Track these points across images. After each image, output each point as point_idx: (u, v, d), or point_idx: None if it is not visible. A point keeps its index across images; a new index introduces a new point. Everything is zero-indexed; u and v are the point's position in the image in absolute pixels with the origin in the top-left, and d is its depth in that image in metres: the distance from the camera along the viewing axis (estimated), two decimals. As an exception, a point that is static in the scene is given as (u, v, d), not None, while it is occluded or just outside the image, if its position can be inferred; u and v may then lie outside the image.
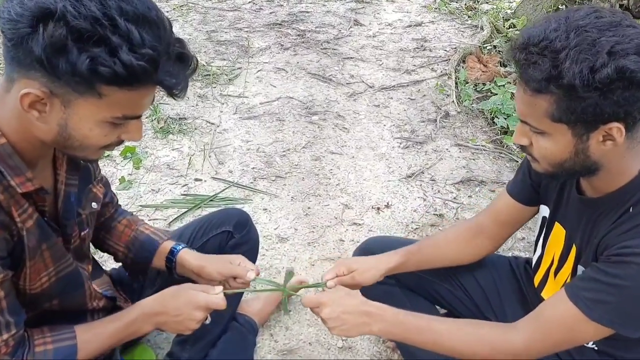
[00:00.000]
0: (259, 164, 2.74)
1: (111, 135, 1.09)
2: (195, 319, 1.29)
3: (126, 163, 2.69)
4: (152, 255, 1.53)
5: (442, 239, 1.66)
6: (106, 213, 1.56)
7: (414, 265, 1.61)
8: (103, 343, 1.26)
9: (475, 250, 1.62)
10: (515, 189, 1.51)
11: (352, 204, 2.51)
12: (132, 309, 1.30)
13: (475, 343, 1.28)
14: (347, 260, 1.55)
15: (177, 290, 1.32)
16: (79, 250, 1.38)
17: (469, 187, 2.64)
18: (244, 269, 1.43)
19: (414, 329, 1.31)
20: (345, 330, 1.31)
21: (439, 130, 3.07)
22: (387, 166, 2.77)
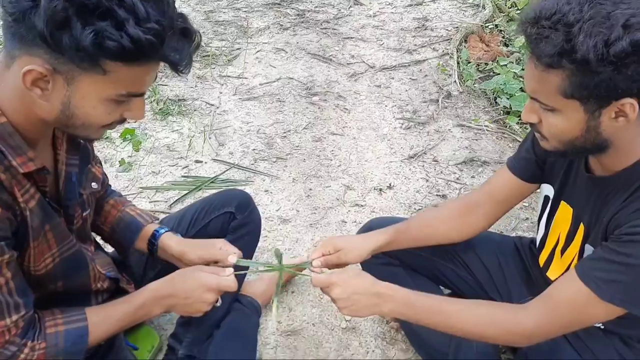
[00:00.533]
0: (259, 146, 2.72)
1: (114, 113, 1.08)
2: (206, 301, 1.28)
3: (125, 145, 2.66)
4: (134, 237, 1.51)
5: (433, 216, 1.64)
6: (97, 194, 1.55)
7: (403, 243, 1.59)
8: (113, 325, 1.25)
9: (468, 227, 1.60)
10: (518, 165, 1.49)
11: (354, 185, 2.49)
12: (142, 292, 1.29)
13: (486, 324, 1.27)
14: (333, 239, 1.53)
15: (186, 273, 1.31)
16: (81, 231, 1.37)
17: (472, 167, 2.62)
18: (224, 253, 1.42)
19: (424, 309, 1.30)
20: (355, 310, 1.30)
21: (441, 110, 3.04)
22: (389, 147, 2.75)
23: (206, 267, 1.34)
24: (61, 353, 1.17)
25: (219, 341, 1.60)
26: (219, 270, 1.33)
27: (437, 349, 1.60)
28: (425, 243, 1.62)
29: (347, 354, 1.78)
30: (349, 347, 1.79)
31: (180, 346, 1.63)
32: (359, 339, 1.82)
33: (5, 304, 1.06)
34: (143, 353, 1.70)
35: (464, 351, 1.55)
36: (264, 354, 1.76)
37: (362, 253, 1.51)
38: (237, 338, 1.64)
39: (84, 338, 1.20)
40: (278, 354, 1.76)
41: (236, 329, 1.67)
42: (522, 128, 2.90)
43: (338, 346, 1.80)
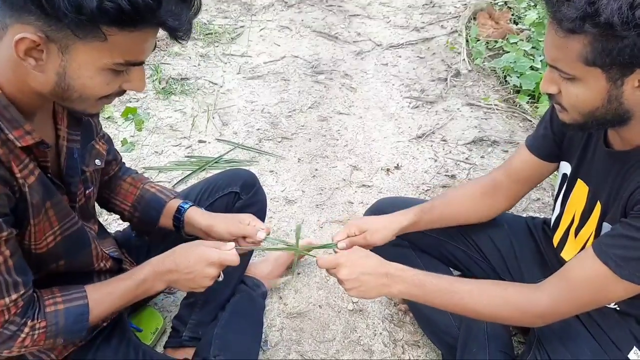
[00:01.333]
0: (264, 125, 2.66)
1: (112, 84, 1.03)
2: (208, 276, 1.25)
3: (128, 125, 2.61)
4: (159, 214, 1.48)
5: (455, 196, 1.59)
6: (110, 171, 1.51)
7: (426, 224, 1.55)
8: (114, 303, 1.22)
9: (489, 208, 1.56)
10: (536, 144, 1.44)
11: (361, 166, 2.44)
12: (143, 267, 1.26)
13: (499, 304, 1.23)
14: (358, 220, 1.49)
15: (188, 247, 1.27)
16: (84, 209, 1.33)
17: (481, 147, 2.56)
18: (254, 228, 1.39)
19: (435, 290, 1.26)
20: (363, 291, 1.26)
21: (449, 89, 2.97)
22: (397, 126, 2.69)
23: (207, 242, 1.30)
24: (62, 332, 1.14)
25: (224, 323, 1.56)
26: (221, 244, 1.29)
27: (446, 332, 1.57)
28: (447, 224, 1.58)
29: (354, 336, 1.74)
30: (355, 330, 1.76)
31: (185, 328, 1.60)
32: (366, 321, 1.79)
33: (4, 282, 1.02)
34: (146, 335, 1.68)
35: (474, 334, 1.51)
36: (270, 336, 1.73)
37: (387, 234, 1.46)
38: (242, 320, 1.60)
39: (85, 316, 1.17)
40: (284, 335, 1.73)
41: (241, 311, 1.64)
42: (532, 107, 2.83)
43: (345, 328, 1.76)
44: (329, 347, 1.70)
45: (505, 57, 3.10)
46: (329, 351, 1.69)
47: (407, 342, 1.73)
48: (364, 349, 1.71)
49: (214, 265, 1.25)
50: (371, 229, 1.44)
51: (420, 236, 1.67)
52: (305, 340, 1.72)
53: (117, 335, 1.40)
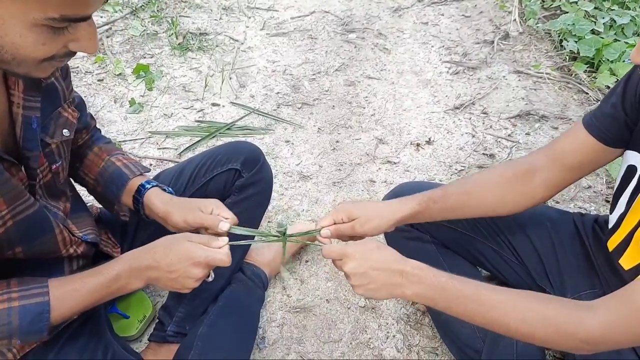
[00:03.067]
0: (284, 88, 2.42)
1: (52, 44, 0.84)
2: (193, 277, 1.07)
3: (139, 83, 2.42)
4: (119, 191, 1.29)
5: (479, 181, 1.31)
6: (79, 140, 1.34)
7: (436, 215, 1.29)
8: (81, 301, 1.05)
9: (521, 198, 1.27)
10: (598, 124, 1.16)
11: (388, 139, 2.18)
12: (118, 262, 1.08)
13: (537, 323, 0.99)
14: (349, 205, 1.25)
15: (171, 242, 1.09)
16: (51, 187, 1.16)
17: (528, 122, 2.26)
18: (216, 219, 1.18)
19: (458, 296, 1.02)
20: (372, 290, 1.05)
21: (495, 53, 2.64)
22: (432, 95, 2.40)
23: (195, 236, 1.10)
24: (16, 333, 0.98)
25: (214, 317, 1.38)
26: (212, 239, 1.10)
27: (468, 344, 1.35)
28: (465, 215, 1.32)
29: (363, 337, 1.54)
30: (366, 330, 1.56)
31: (171, 321, 1.43)
32: (379, 320, 1.58)
33: None
34: (133, 323, 1.52)
35: (501, 350, 1.29)
36: (268, 332, 1.54)
37: (382, 224, 1.22)
38: (235, 314, 1.42)
39: (45, 315, 1.01)
40: (284, 333, 1.54)
41: (236, 304, 1.45)
42: (590, 77, 2.48)
43: (354, 328, 1.56)
44: (333, 349, 1.51)
45: (563, 18, 2.73)
46: (333, 353, 1.50)
47: (423, 349, 1.52)
48: (374, 354, 1.50)
49: (199, 265, 1.06)
50: (362, 217, 1.21)
51: (445, 230, 1.44)
52: (308, 340, 1.53)
53: (87, 331, 1.24)
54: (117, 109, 2.29)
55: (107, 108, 2.29)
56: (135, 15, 2.84)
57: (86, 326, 1.25)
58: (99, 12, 2.86)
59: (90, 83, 2.41)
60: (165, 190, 1.31)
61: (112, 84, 2.41)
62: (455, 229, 1.43)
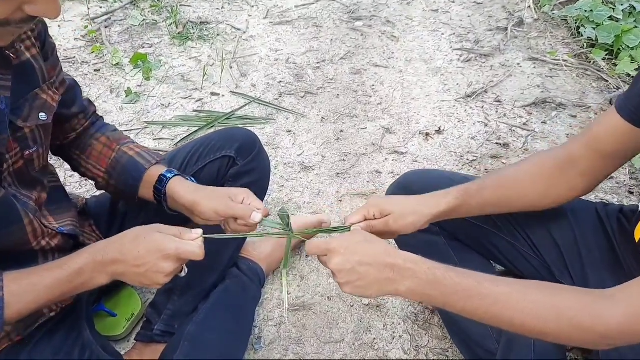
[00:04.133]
0: (287, 77, 2.31)
1: (3, 5, 0.74)
2: (162, 271, 0.96)
3: (136, 73, 2.33)
4: (137, 184, 1.19)
5: (515, 173, 1.20)
6: (76, 126, 1.24)
7: (473, 210, 1.19)
8: (39, 296, 0.96)
9: (562, 190, 1.16)
10: (630, 105, 1.04)
11: (395, 128, 2.07)
12: (81, 254, 0.98)
13: (548, 316, 0.87)
14: (381, 200, 1.15)
15: (139, 233, 0.99)
16: (23, 175, 1.07)
17: (544, 110, 2.13)
18: (248, 209, 1.08)
19: (457, 290, 0.91)
20: (361, 287, 0.94)
21: (509, 40, 2.52)
22: (442, 83, 2.28)
23: (166, 227, 1.00)
24: None
25: (203, 317, 1.27)
26: (184, 232, 1.00)
27: (481, 344, 1.23)
28: (502, 209, 1.22)
29: (367, 337, 1.43)
30: (370, 330, 1.44)
31: (159, 319, 1.33)
32: (384, 320, 1.46)
33: None
34: (121, 321, 1.42)
35: (518, 350, 1.18)
36: (265, 332, 1.44)
37: (417, 220, 1.12)
38: (227, 312, 1.31)
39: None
40: (282, 332, 1.44)
41: (228, 301, 1.35)
42: (609, 65, 2.35)
43: (357, 327, 1.45)
44: (335, 350, 1.40)
45: (580, 4, 2.61)
46: (334, 355, 1.39)
47: (432, 350, 1.40)
48: (379, 355, 1.39)
49: (169, 258, 0.96)
50: (397, 213, 1.11)
51: (455, 221, 1.31)
52: (307, 340, 1.42)
53: (64, 330, 1.14)
54: (112, 99, 2.20)
55: (103, 98, 2.20)
56: (135, 5, 2.75)
57: (63, 324, 1.15)
58: (98, 2, 2.78)
59: (86, 73, 2.33)
60: (187, 180, 1.21)
61: (108, 74, 2.32)
62: (467, 220, 1.31)
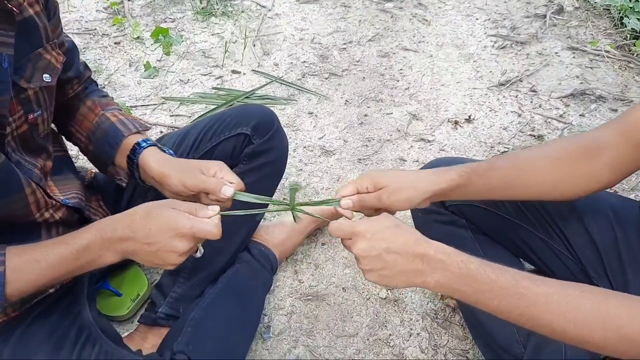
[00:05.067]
0: (311, 57, 2.22)
1: None
2: (175, 251, 0.89)
3: (156, 47, 2.26)
4: (114, 151, 1.13)
5: (532, 157, 1.07)
6: (69, 92, 1.18)
7: (480, 191, 1.06)
8: (43, 274, 0.89)
9: (584, 180, 1.04)
10: None
11: (423, 115, 1.96)
12: (88, 230, 0.91)
13: (590, 323, 0.78)
14: (376, 172, 1.06)
15: (151, 209, 0.91)
16: (27, 141, 1.01)
17: (582, 102, 2.00)
18: (219, 182, 1.00)
19: (492, 288, 0.82)
20: (386, 277, 0.87)
21: (548, 28, 2.38)
22: (475, 69, 2.16)
23: (182, 203, 0.92)
24: None
25: (209, 303, 1.20)
26: (200, 208, 0.92)
27: (506, 348, 1.14)
28: (513, 195, 1.09)
29: (382, 333, 1.34)
30: (386, 325, 1.36)
31: (164, 302, 1.26)
32: (402, 315, 1.38)
33: None
34: (125, 301, 1.37)
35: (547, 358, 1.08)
36: (275, 321, 1.36)
37: (413, 196, 1.01)
38: (235, 298, 1.24)
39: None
40: (292, 323, 1.36)
41: (237, 287, 1.27)
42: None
43: (372, 322, 1.36)
44: (347, 345, 1.32)
45: (625, -7, 2.45)
46: (347, 350, 1.31)
47: (451, 351, 1.31)
48: (394, 353, 1.31)
49: (183, 237, 0.88)
50: (391, 186, 1.00)
51: (483, 213, 1.23)
52: (319, 332, 1.34)
53: (62, 308, 1.08)
54: (131, 73, 2.13)
55: (121, 72, 2.14)
56: (159, -22, 2.68)
57: (62, 302, 1.09)
58: (122, -25, 2.71)
59: (105, 45, 2.27)
60: (164, 151, 1.13)
61: (128, 47, 2.26)
62: (496, 212, 1.22)
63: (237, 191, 1.00)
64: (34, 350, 0.99)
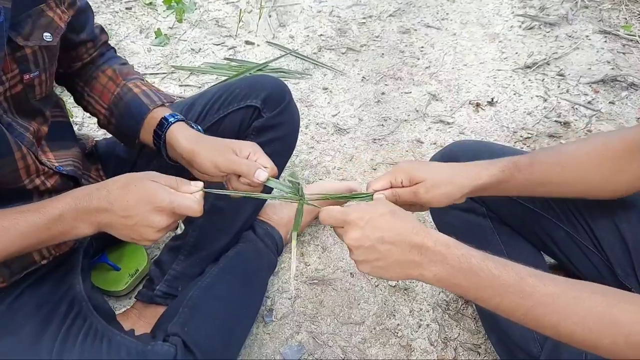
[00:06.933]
0: (328, 31, 2.12)
1: None
2: (152, 226, 0.83)
3: (168, 14, 2.18)
4: (139, 126, 1.06)
5: (575, 152, 0.99)
6: (84, 55, 1.11)
7: (520, 187, 0.99)
8: (12, 242, 0.83)
9: (630, 178, 0.96)
10: None
11: (443, 95, 1.87)
12: (61, 199, 0.85)
13: (599, 327, 0.71)
14: (412, 164, 0.97)
15: (130, 181, 0.85)
16: (21, 102, 0.95)
17: (613, 89, 1.89)
18: (253, 165, 0.93)
19: (493, 285, 0.75)
20: (380, 268, 0.80)
21: (579, 10, 2.26)
22: (500, 50, 2.06)
23: (163, 177, 0.86)
24: None
25: (211, 280, 1.15)
26: (182, 183, 0.87)
27: (521, 346, 1.07)
28: (555, 192, 1.02)
29: (390, 322, 1.27)
30: (394, 314, 1.29)
31: (162, 279, 1.21)
32: (411, 305, 1.31)
33: None
34: (123, 276, 1.31)
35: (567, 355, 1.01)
36: (277, 304, 1.30)
37: (452, 191, 0.94)
38: (237, 279, 1.18)
39: None
40: (296, 307, 1.30)
41: (239, 267, 1.21)
42: None
43: (380, 310, 1.30)
44: (352, 333, 1.25)
45: (664, -25, 2.31)
46: (352, 338, 1.25)
47: (462, 344, 1.24)
48: (401, 344, 1.24)
49: (162, 212, 0.82)
50: (429, 181, 0.93)
51: (505, 202, 1.15)
52: (323, 318, 1.28)
53: (54, 279, 1.03)
54: (141, 40, 2.06)
55: (131, 38, 2.06)
56: (175, -57, 2.58)
57: (54, 274, 1.04)
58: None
59: (117, 11, 2.19)
60: (192, 127, 1.06)
61: (140, 13, 2.18)
62: (519, 202, 1.14)
63: (271, 177, 0.93)
64: (21, 323, 0.94)
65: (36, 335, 0.92)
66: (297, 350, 1.21)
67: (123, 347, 0.94)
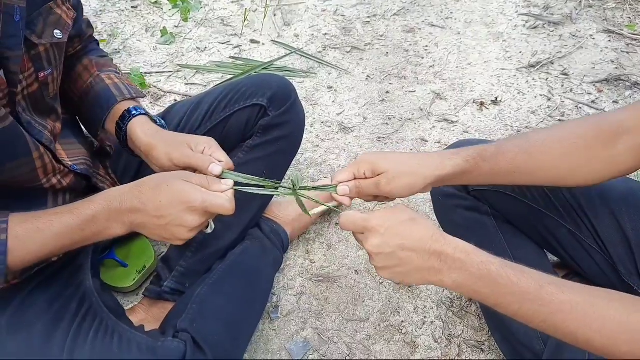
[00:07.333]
0: (333, 30, 2.13)
1: None
2: (185, 225, 0.84)
3: (174, 13, 2.19)
4: (104, 115, 1.08)
5: (546, 140, 0.97)
6: (69, 49, 1.12)
7: (488, 176, 0.97)
8: (47, 244, 0.85)
9: (601, 165, 0.94)
10: None
11: (447, 94, 1.88)
12: (95, 200, 0.87)
13: (617, 335, 0.72)
14: (375, 155, 0.96)
15: (161, 181, 0.86)
16: (38, 100, 0.97)
17: (617, 88, 1.90)
18: (207, 159, 0.95)
19: (513, 292, 0.76)
20: (400, 274, 0.81)
21: (583, 9, 2.26)
22: (504, 49, 2.06)
23: (194, 176, 0.88)
24: None
25: (218, 277, 1.16)
26: (213, 182, 0.88)
27: (525, 344, 1.09)
28: (521, 181, 1.00)
29: (395, 319, 1.29)
30: (399, 311, 1.30)
31: (169, 276, 1.22)
32: (415, 302, 1.32)
33: None
34: (131, 273, 1.33)
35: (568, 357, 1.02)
36: (283, 301, 1.32)
37: (414, 182, 0.93)
38: (244, 276, 1.20)
39: (1, 258, 0.81)
40: (301, 304, 1.31)
41: (246, 264, 1.23)
42: None
43: (384, 307, 1.31)
44: (357, 329, 1.27)
45: (669, -26, 2.31)
46: (357, 334, 1.26)
47: (466, 342, 1.25)
48: (405, 341, 1.25)
49: (195, 211, 0.84)
50: (390, 172, 0.92)
51: (508, 200, 1.16)
52: (329, 315, 1.30)
53: (65, 276, 1.04)
54: (147, 39, 2.07)
55: (137, 37, 2.08)
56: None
57: (65, 271, 1.05)
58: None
59: (122, 9, 2.20)
60: (155, 122, 1.08)
61: (146, 11, 2.19)
62: (523, 200, 1.15)
63: (226, 170, 0.94)
64: (32, 320, 0.95)
65: (48, 333, 0.94)
66: (303, 346, 1.23)
67: (134, 343, 0.96)
